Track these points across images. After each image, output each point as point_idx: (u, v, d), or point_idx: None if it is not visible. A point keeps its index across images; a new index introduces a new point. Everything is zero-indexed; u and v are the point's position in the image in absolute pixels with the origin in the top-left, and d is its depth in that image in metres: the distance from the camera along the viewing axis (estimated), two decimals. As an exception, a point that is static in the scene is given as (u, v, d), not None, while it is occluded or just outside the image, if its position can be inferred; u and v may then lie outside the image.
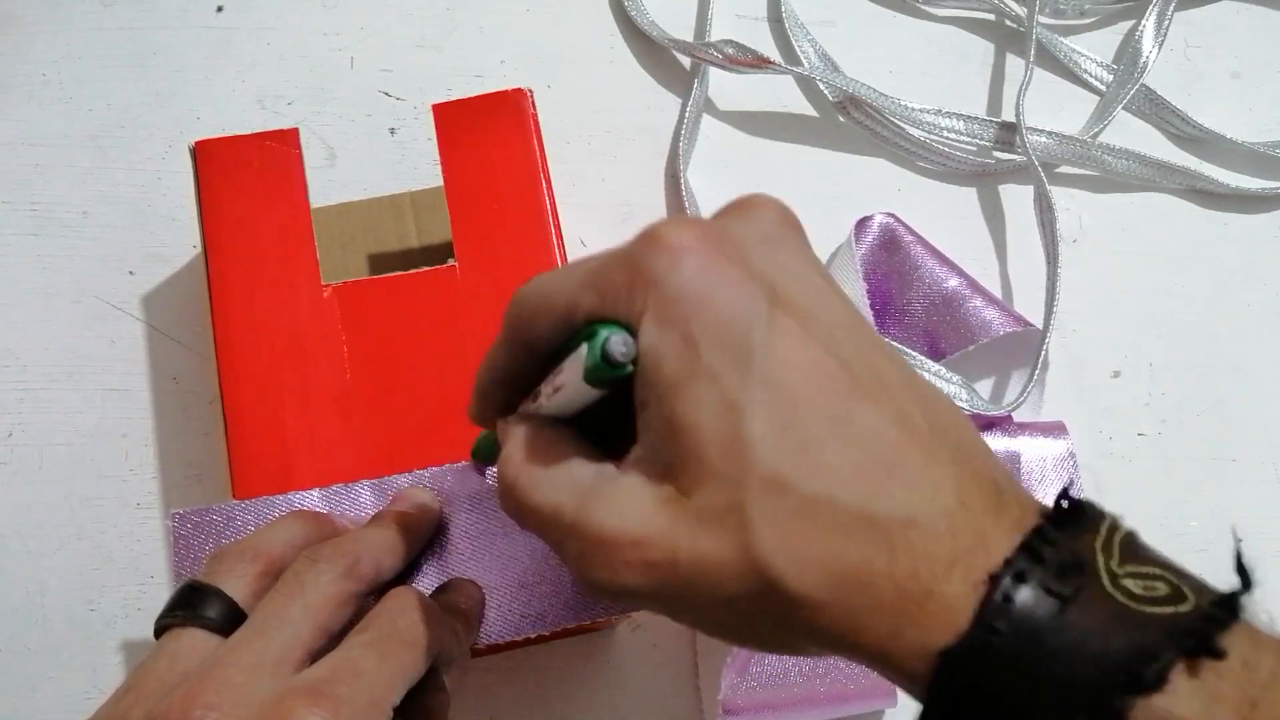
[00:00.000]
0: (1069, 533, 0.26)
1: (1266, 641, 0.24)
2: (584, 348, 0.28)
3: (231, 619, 0.32)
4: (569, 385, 0.29)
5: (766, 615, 0.27)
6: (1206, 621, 0.24)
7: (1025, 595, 0.24)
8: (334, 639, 0.32)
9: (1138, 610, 0.24)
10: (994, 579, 0.25)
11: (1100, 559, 0.25)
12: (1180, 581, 0.25)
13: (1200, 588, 0.25)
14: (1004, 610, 0.24)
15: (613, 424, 0.30)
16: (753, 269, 0.27)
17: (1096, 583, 0.25)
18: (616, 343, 0.27)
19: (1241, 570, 0.25)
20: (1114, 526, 0.26)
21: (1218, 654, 0.24)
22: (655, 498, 0.27)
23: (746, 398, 0.26)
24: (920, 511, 0.26)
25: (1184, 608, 0.24)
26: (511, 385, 0.32)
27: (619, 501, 0.27)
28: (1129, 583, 0.25)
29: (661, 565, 0.27)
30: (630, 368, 0.27)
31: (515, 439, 0.31)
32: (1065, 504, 0.26)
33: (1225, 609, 0.24)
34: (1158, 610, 0.24)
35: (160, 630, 0.33)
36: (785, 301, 0.27)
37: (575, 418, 0.31)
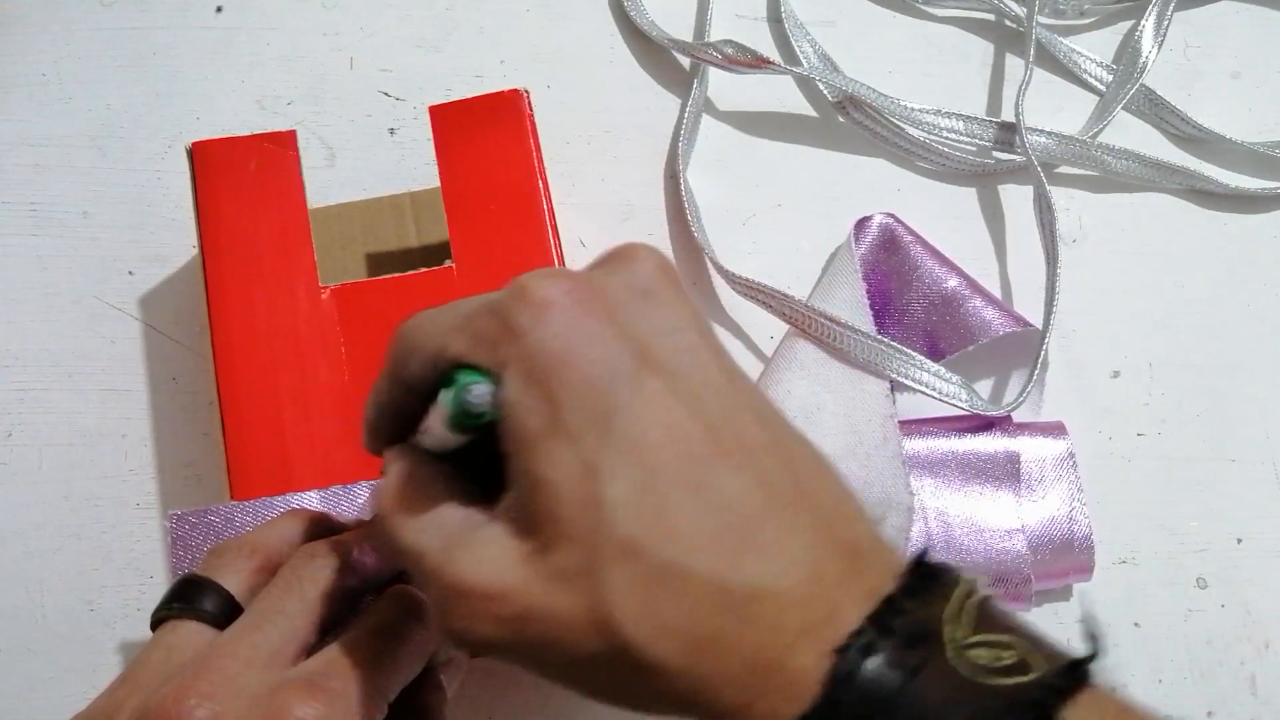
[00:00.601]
0: (921, 600, 0.25)
1: (1109, 707, 0.25)
2: (444, 394, 0.28)
3: (228, 612, 0.32)
4: (434, 428, 0.29)
5: (619, 677, 0.27)
6: (1048, 692, 0.24)
7: (871, 667, 0.24)
8: (330, 635, 0.32)
9: (980, 683, 0.24)
10: (840, 651, 0.25)
11: (947, 629, 0.25)
12: (1031, 650, 0.25)
13: (1051, 655, 0.25)
14: (849, 683, 0.24)
15: (497, 461, 0.29)
16: (621, 326, 0.27)
17: (942, 654, 0.25)
18: (474, 392, 0.27)
19: (1091, 637, 0.25)
20: (968, 592, 0.26)
21: None
22: (515, 552, 0.27)
23: (605, 460, 0.26)
24: (772, 583, 0.25)
25: (1028, 678, 0.24)
26: (395, 418, 0.32)
27: (480, 553, 0.27)
28: (977, 652, 0.25)
29: (514, 621, 0.27)
30: (489, 417, 0.27)
31: (391, 474, 0.30)
32: (920, 569, 0.26)
33: (1070, 678, 0.24)
34: (1001, 681, 0.24)
35: (156, 622, 0.33)
36: (653, 361, 0.27)
37: (460, 452, 0.30)
